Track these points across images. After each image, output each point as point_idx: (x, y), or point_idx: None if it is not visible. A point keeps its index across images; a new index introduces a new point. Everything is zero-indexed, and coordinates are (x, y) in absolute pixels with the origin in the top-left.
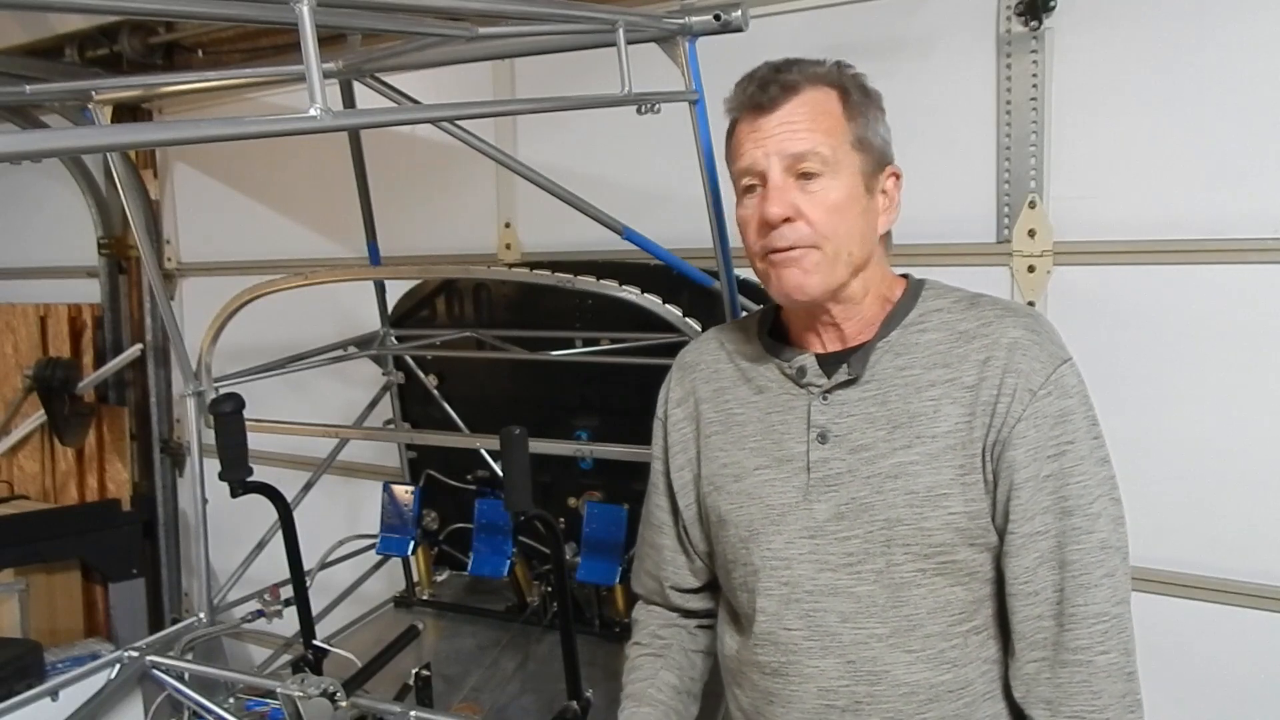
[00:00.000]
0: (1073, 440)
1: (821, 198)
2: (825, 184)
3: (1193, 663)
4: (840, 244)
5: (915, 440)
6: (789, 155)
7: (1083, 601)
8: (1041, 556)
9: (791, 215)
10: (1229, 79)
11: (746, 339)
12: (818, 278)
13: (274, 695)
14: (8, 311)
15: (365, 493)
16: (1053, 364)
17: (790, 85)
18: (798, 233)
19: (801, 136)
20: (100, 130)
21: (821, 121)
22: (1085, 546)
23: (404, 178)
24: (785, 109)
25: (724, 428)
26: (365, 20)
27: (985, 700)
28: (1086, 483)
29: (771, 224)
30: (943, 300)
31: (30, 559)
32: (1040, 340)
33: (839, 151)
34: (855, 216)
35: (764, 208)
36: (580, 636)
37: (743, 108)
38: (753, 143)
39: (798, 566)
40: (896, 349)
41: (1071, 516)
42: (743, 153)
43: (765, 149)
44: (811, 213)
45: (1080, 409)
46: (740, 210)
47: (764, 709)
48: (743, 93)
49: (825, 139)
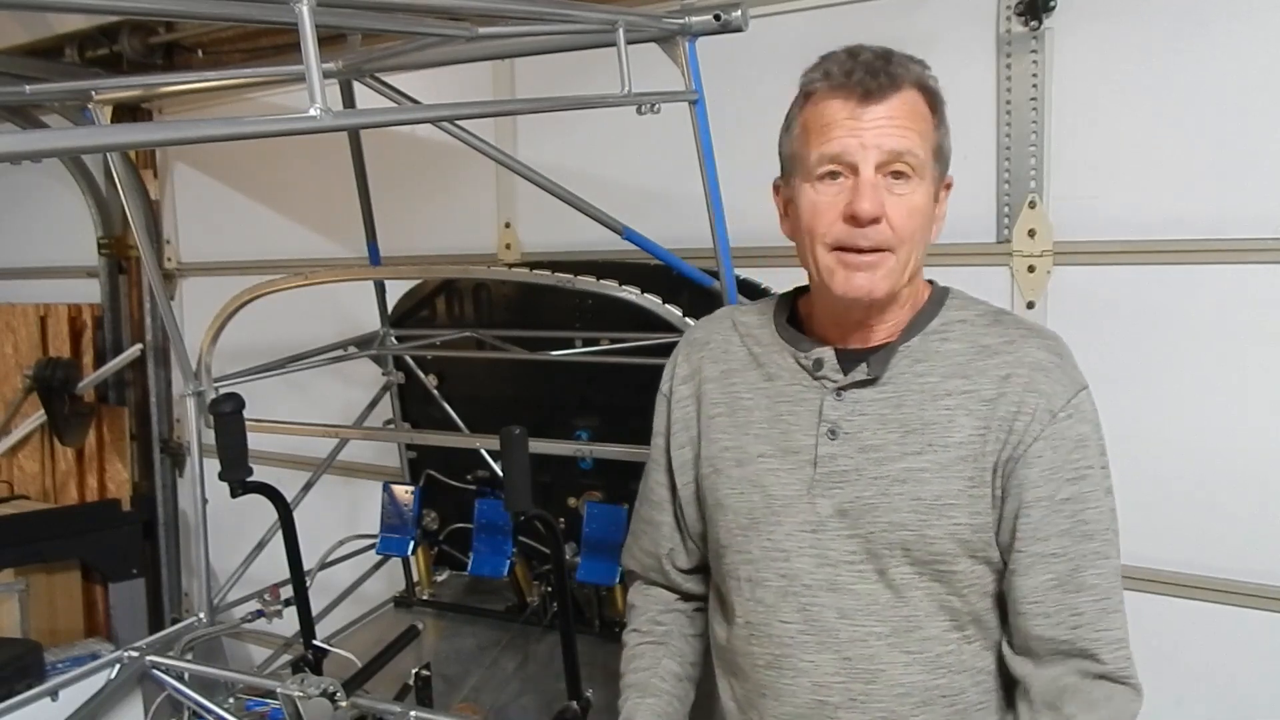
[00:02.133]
0: (1090, 467)
1: (907, 201)
2: (912, 187)
3: (1193, 663)
4: (911, 250)
5: (927, 448)
6: (887, 151)
7: (1106, 626)
8: (1057, 578)
9: (880, 215)
10: (1229, 79)
11: (762, 323)
12: (887, 282)
13: (274, 695)
14: (8, 311)
15: (365, 493)
16: (1074, 389)
17: (898, 79)
18: (881, 235)
19: (903, 135)
20: (100, 130)
21: (918, 123)
22: (1103, 571)
23: (404, 178)
24: (891, 102)
25: (729, 411)
26: (365, 20)
27: (977, 710)
28: (1101, 509)
29: (860, 221)
30: (967, 312)
31: (30, 559)
32: (1063, 364)
33: (927, 156)
34: (926, 223)
35: (857, 202)
36: (580, 636)
37: (843, 88)
38: (848, 130)
39: (797, 560)
40: (917, 355)
41: (1091, 541)
42: (834, 136)
43: (863, 139)
44: (895, 215)
45: (1095, 437)
46: (811, 193)
47: (756, 701)
48: (844, 73)
49: (920, 142)
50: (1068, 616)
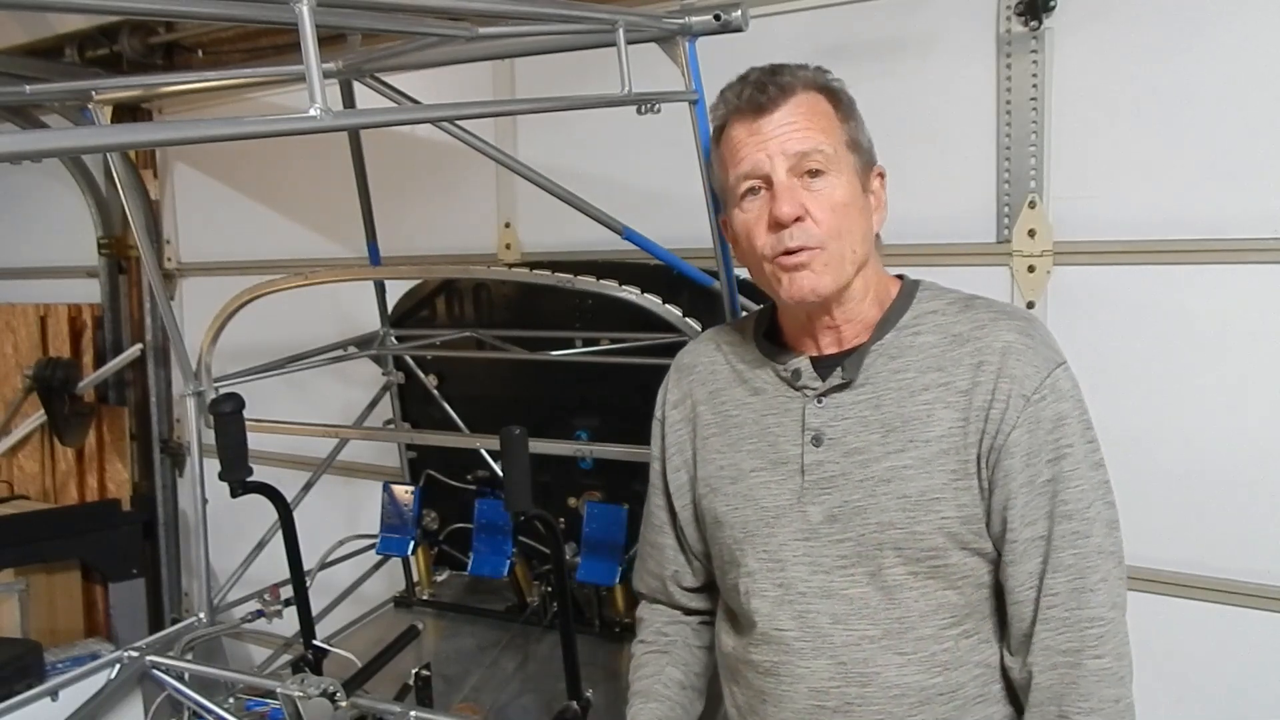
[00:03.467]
0: (1071, 444)
1: (827, 195)
2: (830, 182)
3: (1193, 663)
4: (846, 242)
5: (908, 444)
6: (794, 154)
7: (1077, 605)
8: (1044, 561)
9: (801, 214)
10: (1229, 78)
11: (743, 340)
12: (829, 277)
13: (274, 695)
14: (8, 311)
15: (365, 493)
16: (1047, 368)
17: (787, 87)
18: (807, 233)
19: (804, 135)
20: (100, 130)
21: (819, 121)
22: (1081, 551)
23: (404, 178)
24: (784, 109)
25: (721, 429)
26: (365, 20)
27: (976, 704)
28: (1083, 487)
29: (783, 223)
30: (937, 302)
31: (30, 559)
32: (1034, 344)
33: (838, 150)
34: (857, 214)
35: (775, 207)
36: (580, 636)
37: (737, 111)
38: (753, 145)
39: (791, 568)
40: (890, 352)
41: (1069, 520)
42: (742, 156)
43: (767, 150)
44: (818, 212)
45: (1075, 413)
46: (740, 215)
47: (757, 707)
48: (736, 96)
49: (825, 138)
50: (1045, 597)
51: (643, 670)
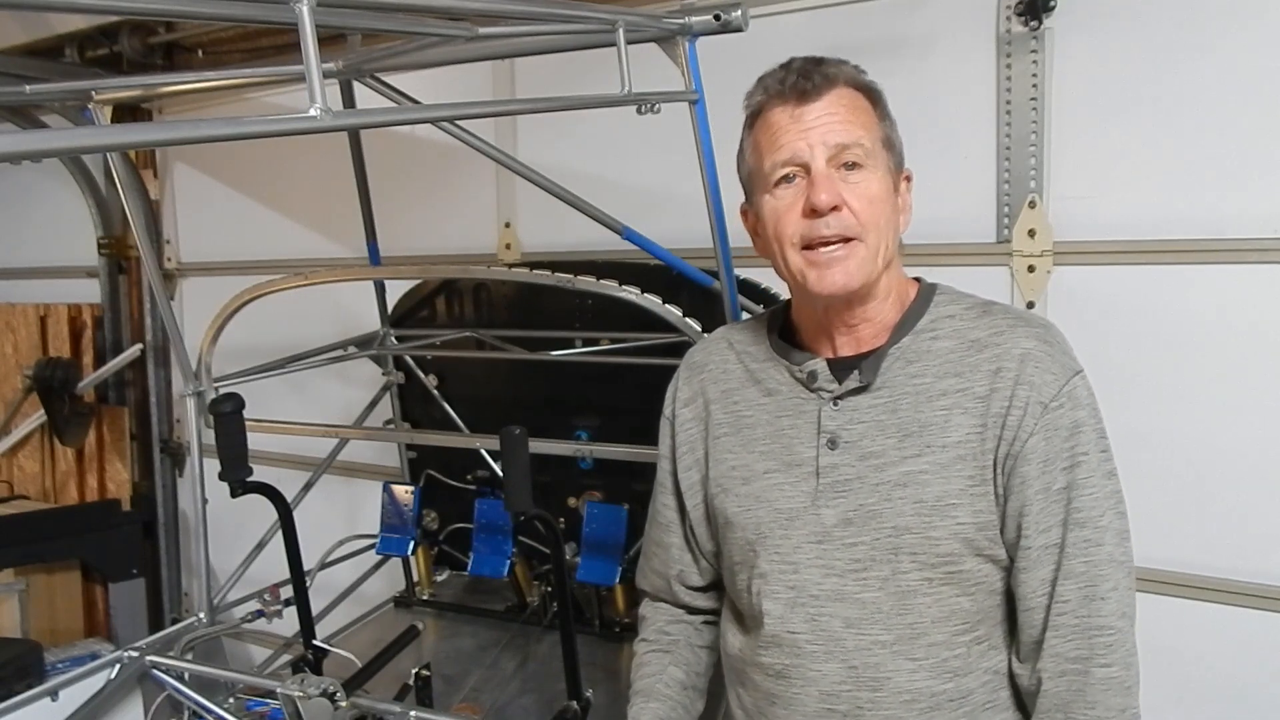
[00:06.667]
0: (1086, 453)
1: (864, 189)
2: (866, 175)
3: (1193, 663)
4: (879, 237)
5: (925, 449)
6: (834, 145)
7: (1087, 613)
8: (1057, 568)
9: (839, 204)
10: (1229, 79)
11: (756, 340)
12: (861, 273)
13: (274, 695)
14: (8, 311)
15: (365, 493)
16: (1065, 376)
17: (832, 77)
18: (843, 223)
19: (846, 127)
20: (100, 130)
21: (859, 116)
22: (1093, 559)
23: (404, 178)
24: (827, 99)
25: (733, 429)
26: (365, 20)
27: (985, 710)
28: (1096, 495)
29: (820, 211)
30: (955, 306)
31: (30, 559)
32: (1052, 352)
33: (875, 147)
34: (890, 211)
35: (813, 194)
36: (580, 636)
37: (779, 96)
38: (795, 133)
39: (804, 571)
40: (908, 356)
41: (1082, 529)
42: (782, 143)
43: (809, 139)
44: (855, 203)
45: (1091, 421)
46: (770, 201)
47: (766, 710)
48: (779, 82)
49: (865, 133)
50: (1056, 604)
51: (645, 669)
